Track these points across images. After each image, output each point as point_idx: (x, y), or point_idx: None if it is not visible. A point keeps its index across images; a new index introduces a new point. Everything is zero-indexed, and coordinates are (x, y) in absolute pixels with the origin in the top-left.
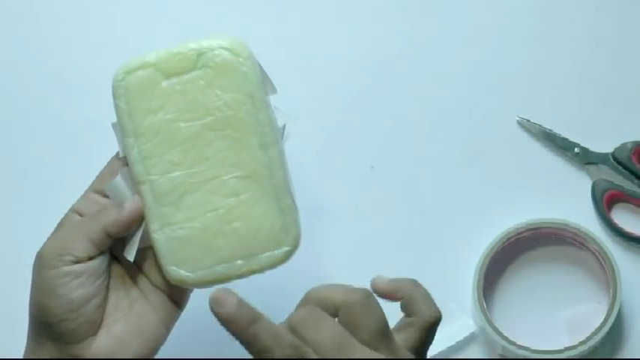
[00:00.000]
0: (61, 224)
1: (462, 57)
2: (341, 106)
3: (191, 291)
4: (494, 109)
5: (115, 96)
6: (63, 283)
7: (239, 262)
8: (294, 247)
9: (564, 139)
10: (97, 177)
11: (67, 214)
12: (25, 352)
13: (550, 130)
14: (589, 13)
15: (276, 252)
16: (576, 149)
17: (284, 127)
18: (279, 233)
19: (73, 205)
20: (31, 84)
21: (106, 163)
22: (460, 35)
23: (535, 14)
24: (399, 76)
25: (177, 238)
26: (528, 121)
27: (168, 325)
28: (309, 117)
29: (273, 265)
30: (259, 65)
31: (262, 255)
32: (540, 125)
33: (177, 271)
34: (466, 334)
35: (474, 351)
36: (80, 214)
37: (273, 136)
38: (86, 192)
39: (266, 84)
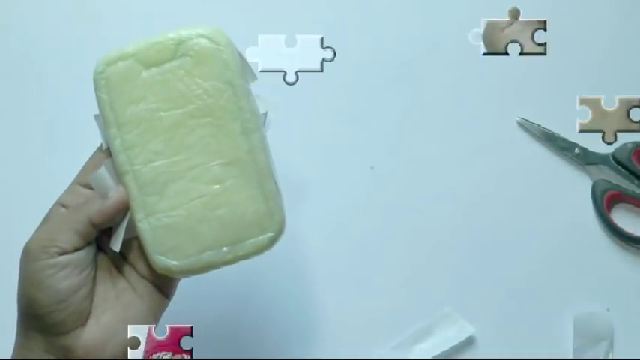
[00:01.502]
0: (46, 217)
1: (462, 57)
2: (341, 106)
3: (178, 280)
4: (494, 109)
5: (96, 88)
6: (50, 275)
7: (224, 248)
8: (279, 232)
9: (564, 140)
10: (81, 170)
11: (52, 208)
12: (15, 346)
13: (550, 130)
14: (589, 13)
15: (260, 238)
16: (576, 150)
17: (266, 114)
18: (264, 219)
19: (59, 199)
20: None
21: (90, 156)
22: (460, 35)
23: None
24: (399, 75)
25: (162, 227)
26: (528, 121)
27: (156, 314)
28: (310, 117)
29: (258, 251)
30: (239, 53)
31: (247, 241)
32: (540, 125)
33: (163, 260)
34: (463, 338)
35: (470, 355)
36: (65, 207)
37: (254, 123)
38: (71, 185)
39: (246, 71)
